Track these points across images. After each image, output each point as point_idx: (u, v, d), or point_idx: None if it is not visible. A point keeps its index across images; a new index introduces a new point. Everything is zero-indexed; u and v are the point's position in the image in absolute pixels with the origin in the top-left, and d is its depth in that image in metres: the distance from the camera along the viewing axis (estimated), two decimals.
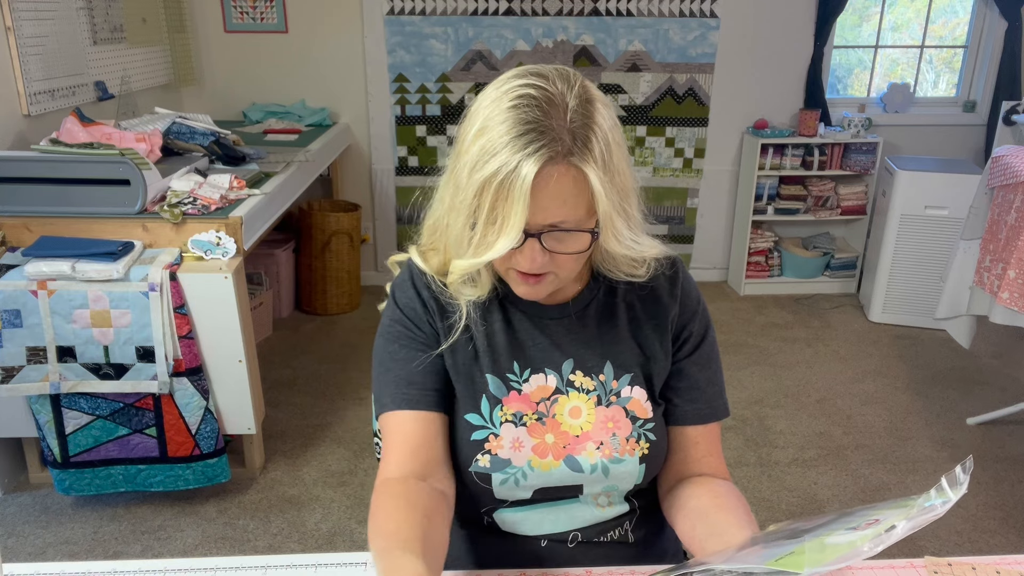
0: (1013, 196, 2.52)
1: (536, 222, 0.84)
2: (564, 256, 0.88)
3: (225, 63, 3.86)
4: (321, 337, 3.57)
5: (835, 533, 0.70)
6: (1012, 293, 2.47)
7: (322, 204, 3.90)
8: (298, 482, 2.48)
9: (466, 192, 0.85)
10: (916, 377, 3.23)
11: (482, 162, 0.83)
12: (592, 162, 0.83)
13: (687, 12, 3.84)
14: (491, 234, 0.84)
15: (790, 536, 0.74)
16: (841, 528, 0.71)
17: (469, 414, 0.99)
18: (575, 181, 0.83)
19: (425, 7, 3.77)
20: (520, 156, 0.81)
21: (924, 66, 4.22)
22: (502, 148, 0.82)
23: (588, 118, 0.84)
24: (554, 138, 0.82)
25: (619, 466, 0.98)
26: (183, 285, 2.14)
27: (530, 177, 0.80)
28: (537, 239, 0.85)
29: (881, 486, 2.48)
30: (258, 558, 0.87)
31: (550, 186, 0.82)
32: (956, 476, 0.66)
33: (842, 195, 4.02)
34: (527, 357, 1.00)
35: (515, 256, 0.87)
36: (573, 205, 0.84)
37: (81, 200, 2.19)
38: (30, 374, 2.13)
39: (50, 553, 2.15)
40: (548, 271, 0.89)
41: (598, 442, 0.98)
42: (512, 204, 0.81)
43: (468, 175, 0.84)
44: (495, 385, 0.99)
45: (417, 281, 1.01)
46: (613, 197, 0.86)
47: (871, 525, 0.67)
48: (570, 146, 0.82)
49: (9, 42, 2.47)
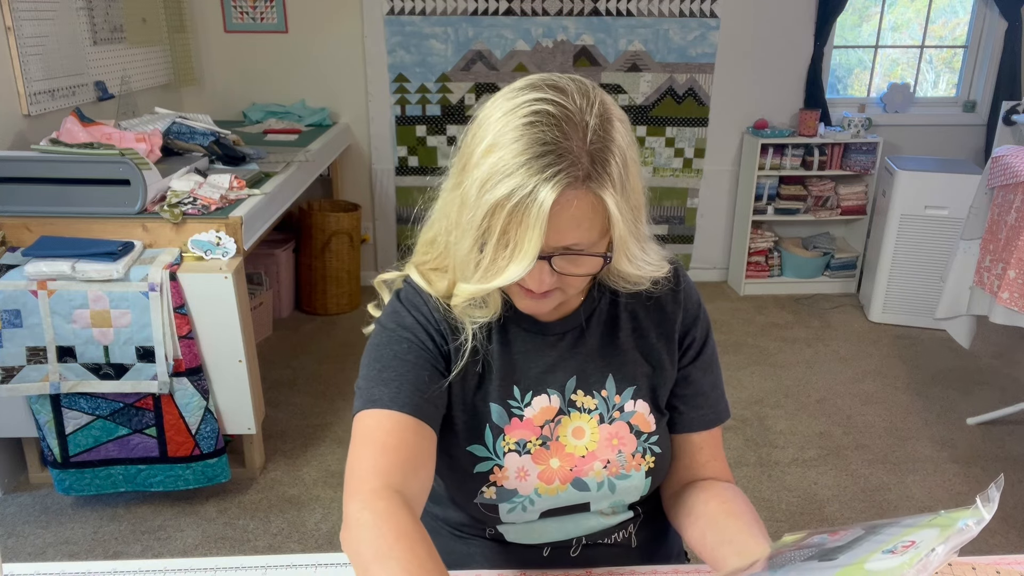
0: (1013, 196, 2.52)
1: (549, 245, 0.79)
2: (571, 279, 0.85)
3: (225, 63, 3.86)
4: (321, 337, 3.57)
5: (873, 557, 0.67)
6: (1012, 293, 2.47)
7: (322, 204, 3.90)
8: (298, 482, 2.48)
9: (475, 212, 0.79)
10: (916, 377, 3.23)
11: (493, 182, 0.77)
12: (611, 187, 0.79)
13: (687, 12, 3.84)
14: (502, 259, 0.79)
15: (821, 556, 0.71)
16: (877, 550, 0.67)
17: (472, 445, 0.95)
18: (592, 207, 0.79)
19: (425, 7, 3.77)
20: (536, 180, 0.75)
21: (924, 66, 4.22)
22: (516, 169, 0.76)
23: (608, 139, 0.79)
24: (573, 162, 0.76)
25: (625, 482, 0.97)
26: (183, 285, 2.14)
27: (548, 203, 0.75)
28: (547, 261, 0.81)
29: (881, 486, 2.48)
30: (258, 558, 0.87)
31: (567, 212, 0.78)
32: (988, 495, 0.63)
33: (842, 195, 4.02)
34: (528, 379, 0.96)
35: (525, 276, 0.82)
36: (588, 229, 0.80)
37: (81, 200, 2.19)
38: (30, 374, 2.13)
39: (50, 553, 2.15)
40: (555, 288, 0.86)
41: (604, 461, 0.96)
42: (527, 231, 0.76)
43: (477, 194, 0.78)
44: (498, 414, 0.95)
45: (424, 299, 0.95)
46: (628, 219, 0.82)
47: (908, 548, 0.64)
48: (589, 170, 0.77)
49: (9, 42, 2.47)
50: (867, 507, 2.37)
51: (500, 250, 0.79)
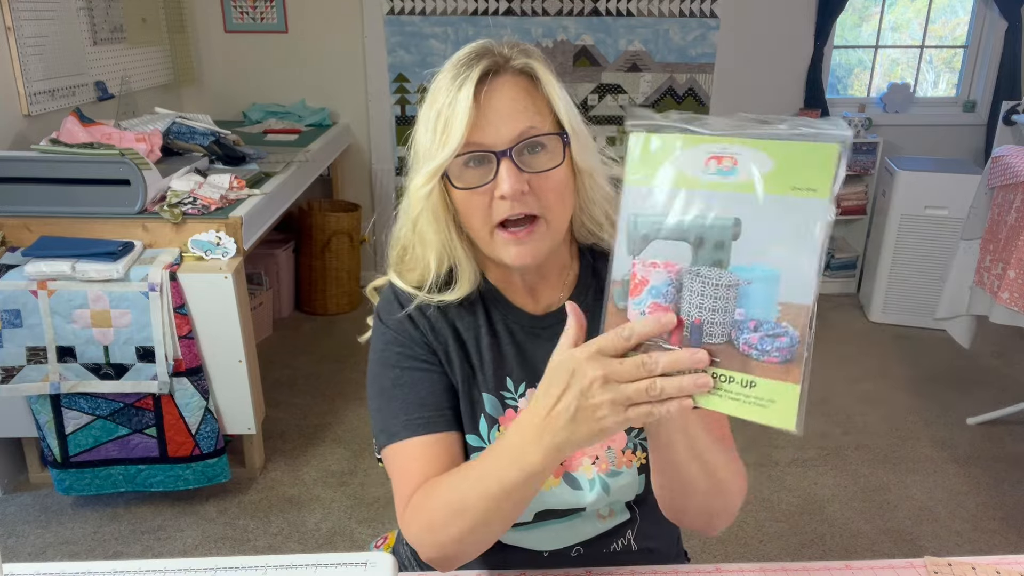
0: (1013, 196, 2.52)
1: (501, 138, 0.83)
2: (543, 180, 0.85)
3: (225, 63, 3.86)
4: (321, 337, 3.57)
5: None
6: (1012, 293, 2.47)
7: (322, 204, 3.90)
8: (298, 482, 2.48)
9: (420, 142, 0.86)
10: (916, 377, 3.23)
11: (431, 105, 0.85)
12: (538, 62, 0.86)
13: (687, 12, 3.84)
14: (441, 143, 0.84)
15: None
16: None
17: (469, 435, 0.96)
18: (526, 90, 0.85)
19: (425, 7, 3.77)
20: (461, 78, 0.83)
21: (924, 66, 4.22)
22: (446, 85, 0.84)
23: (529, 50, 0.88)
24: (494, 54, 0.85)
25: (617, 479, 0.96)
26: (183, 285, 2.14)
27: (471, 85, 0.81)
28: (508, 157, 0.83)
29: (881, 486, 2.48)
30: (258, 558, 0.87)
31: (501, 97, 0.84)
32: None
33: (842, 195, 4.00)
34: (521, 371, 0.97)
35: (495, 189, 0.84)
36: (534, 112, 0.85)
37: (81, 200, 2.19)
38: (30, 374, 2.13)
39: (50, 553, 2.15)
40: (533, 211, 0.85)
41: (593, 457, 0.96)
42: (456, 116, 0.82)
43: (423, 130, 0.86)
44: (491, 404, 0.96)
45: (403, 301, 0.96)
46: (571, 103, 0.87)
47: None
48: (510, 55, 0.85)
49: (9, 42, 2.47)
50: (867, 507, 2.37)
51: (439, 136, 0.84)
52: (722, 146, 0.67)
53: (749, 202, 0.65)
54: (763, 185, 0.65)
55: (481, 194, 0.85)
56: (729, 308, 0.66)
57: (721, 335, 0.66)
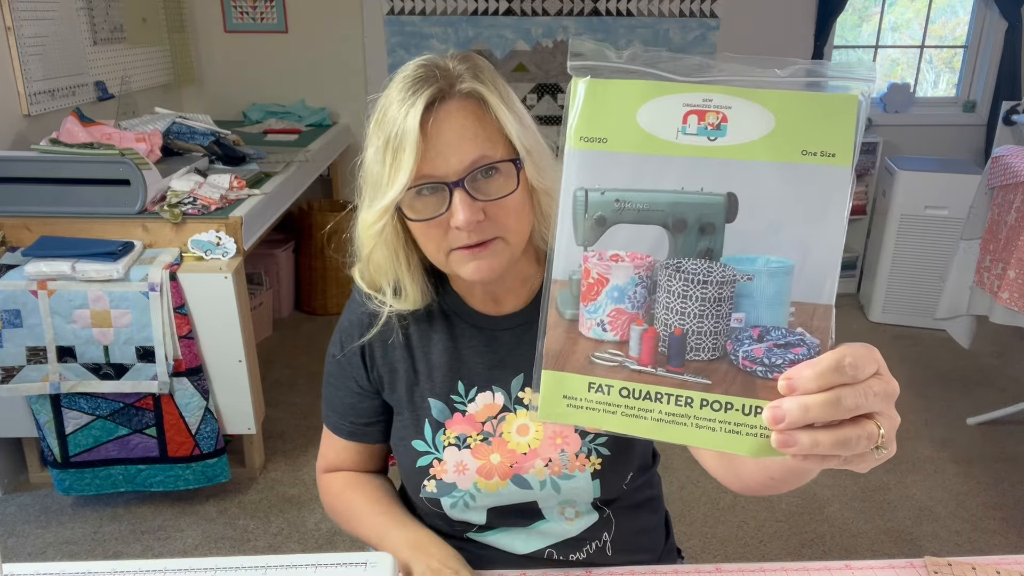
0: (1013, 196, 2.52)
1: (452, 168, 0.80)
2: (499, 207, 0.82)
3: (225, 63, 3.86)
4: (321, 337, 3.57)
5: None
6: (1012, 293, 2.47)
7: (322, 204, 3.90)
8: (298, 482, 2.48)
9: (370, 170, 0.85)
10: (916, 377, 3.23)
11: (379, 126, 0.83)
12: (487, 85, 0.82)
13: (687, 12, 3.84)
14: (391, 179, 0.81)
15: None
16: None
17: (414, 440, 0.97)
18: (475, 116, 0.81)
19: (425, 7, 3.77)
20: (407, 104, 0.80)
21: (924, 66, 4.22)
22: (395, 106, 0.81)
23: (477, 68, 0.84)
24: (437, 77, 0.81)
25: (569, 482, 0.95)
26: (183, 285, 2.14)
27: (417, 115, 0.78)
28: (461, 188, 0.80)
29: (881, 486, 2.48)
30: (258, 558, 0.87)
31: (449, 125, 0.80)
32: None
33: None
34: (473, 375, 0.96)
35: (451, 219, 0.81)
36: (484, 139, 0.81)
37: (81, 200, 2.19)
38: (30, 374, 2.13)
39: (50, 553, 2.15)
40: (491, 236, 0.83)
41: (546, 459, 0.95)
42: (404, 148, 0.79)
43: (372, 153, 0.84)
44: (438, 409, 0.97)
45: (357, 304, 1.00)
46: (522, 122, 0.83)
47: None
48: (455, 78, 0.82)
49: (9, 42, 2.47)
50: (867, 507, 2.37)
51: (388, 169, 0.82)
52: (704, 96, 0.50)
53: (746, 171, 0.50)
54: (763, 149, 0.50)
55: (436, 225, 0.83)
56: (722, 313, 0.52)
57: (712, 349, 0.52)
